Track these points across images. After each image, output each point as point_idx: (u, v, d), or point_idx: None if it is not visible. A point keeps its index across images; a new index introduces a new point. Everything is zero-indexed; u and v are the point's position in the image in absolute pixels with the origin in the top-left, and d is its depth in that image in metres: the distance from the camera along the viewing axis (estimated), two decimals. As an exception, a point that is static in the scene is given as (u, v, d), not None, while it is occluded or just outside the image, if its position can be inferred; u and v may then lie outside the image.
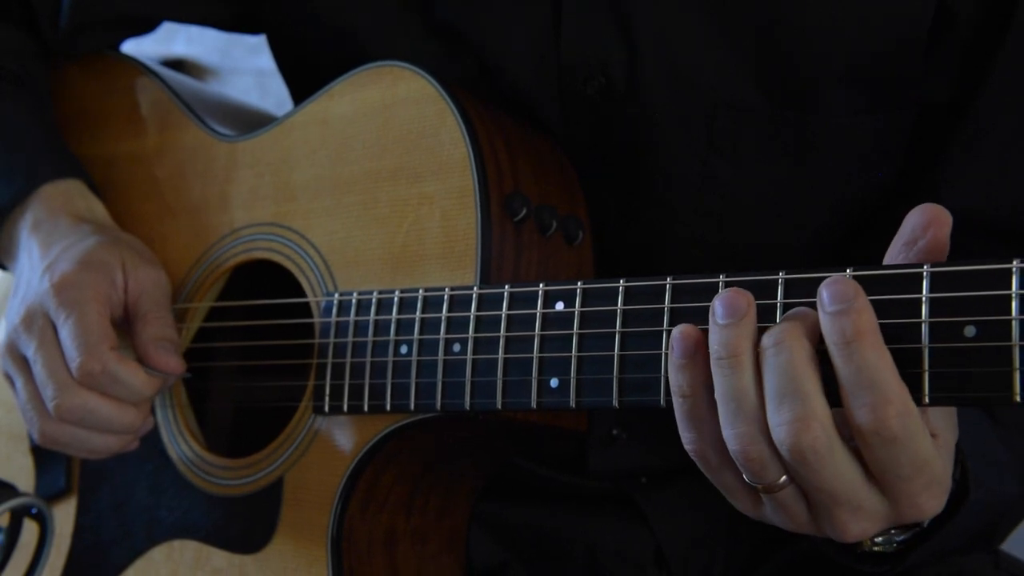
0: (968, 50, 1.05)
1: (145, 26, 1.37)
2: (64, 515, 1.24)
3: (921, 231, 0.78)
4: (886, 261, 0.80)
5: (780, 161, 1.10)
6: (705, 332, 0.79)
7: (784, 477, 0.79)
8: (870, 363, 0.74)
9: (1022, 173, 1.08)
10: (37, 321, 1.09)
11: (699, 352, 0.80)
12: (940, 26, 1.03)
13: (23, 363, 1.10)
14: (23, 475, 1.28)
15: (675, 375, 0.81)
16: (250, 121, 1.29)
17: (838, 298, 0.75)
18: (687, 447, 0.82)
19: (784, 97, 1.07)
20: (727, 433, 0.78)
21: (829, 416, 0.76)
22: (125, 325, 1.12)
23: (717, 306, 0.79)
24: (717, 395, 0.79)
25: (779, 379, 0.76)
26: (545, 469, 1.24)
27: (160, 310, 1.12)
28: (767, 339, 0.77)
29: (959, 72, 1.06)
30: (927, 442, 0.77)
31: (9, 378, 1.13)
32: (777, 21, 1.05)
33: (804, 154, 1.09)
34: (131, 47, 1.40)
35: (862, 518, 0.79)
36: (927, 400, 0.74)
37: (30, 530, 1.18)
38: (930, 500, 0.79)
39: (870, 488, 0.78)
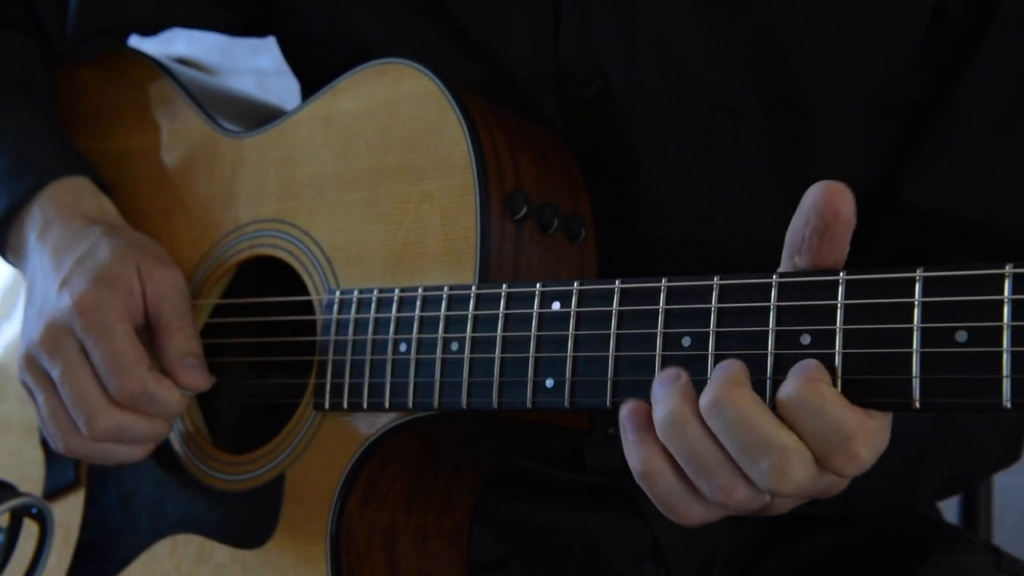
0: (951, 48, 1.03)
1: (150, 31, 1.37)
2: (72, 507, 1.25)
3: (831, 213, 0.76)
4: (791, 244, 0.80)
5: (776, 165, 1.10)
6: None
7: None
8: (835, 416, 0.75)
9: (993, 173, 1.07)
10: (62, 341, 1.08)
11: (651, 430, 0.80)
12: (932, 26, 1.02)
13: (46, 380, 1.10)
14: (34, 467, 1.29)
15: (632, 453, 0.81)
16: (259, 116, 1.29)
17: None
18: (684, 523, 0.82)
19: (781, 104, 1.07)
20: (705, 489, 0.79)
21: (796, 439, 0.76)
22: (146, 331, 1.12)
23: (655, 386, 0.80)
24: (680, 460, 0.79)
25: (736, 436, 0.76)
26: (542, 465, 1.24)
27: (181, 319, 1.12)
28: (704, 402, 0.78)
29: (939, 70, 1.05)
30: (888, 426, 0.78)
31: (28, 389, 1.13)
32: (775, 29, 1.04)
33: (800, 159, 1.09)
34: (133, 45, 1.40)
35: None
36: (917, 405, 0.74)
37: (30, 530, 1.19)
38: None
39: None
